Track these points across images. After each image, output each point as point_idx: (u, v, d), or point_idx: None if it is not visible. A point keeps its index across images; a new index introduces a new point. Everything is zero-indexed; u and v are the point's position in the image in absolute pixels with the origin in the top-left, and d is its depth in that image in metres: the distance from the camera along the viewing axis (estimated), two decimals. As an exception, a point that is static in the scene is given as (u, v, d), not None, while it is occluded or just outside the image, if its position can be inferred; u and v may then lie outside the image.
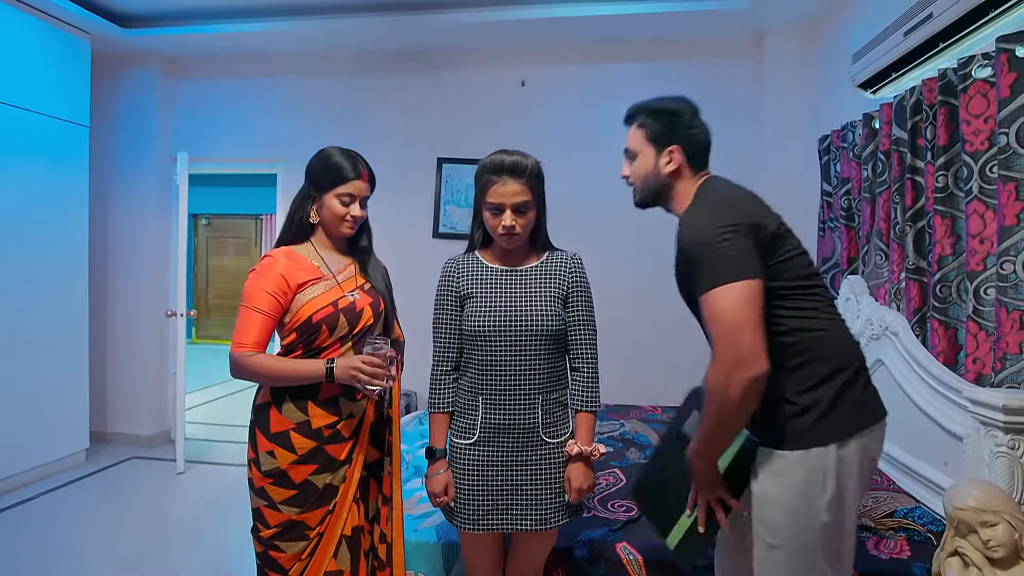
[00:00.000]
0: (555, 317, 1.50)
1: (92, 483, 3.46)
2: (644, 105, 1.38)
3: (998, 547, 1.29)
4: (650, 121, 1.36)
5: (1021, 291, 1.66)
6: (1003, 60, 1.67)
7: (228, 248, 8.97)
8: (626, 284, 3.68)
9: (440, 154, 3.88)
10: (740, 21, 3.39)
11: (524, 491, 1.51)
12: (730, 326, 1.13)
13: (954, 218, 1.98)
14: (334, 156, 1.54)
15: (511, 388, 1.48)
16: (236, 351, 1.45)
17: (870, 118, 2.48)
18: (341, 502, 1.53)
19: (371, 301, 1.58)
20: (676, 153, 1.33)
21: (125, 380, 4.11)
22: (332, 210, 1.53)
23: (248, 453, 1.53)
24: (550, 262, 1.57)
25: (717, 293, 1.15)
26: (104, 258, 4.06)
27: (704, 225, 1.21)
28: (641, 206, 1.45)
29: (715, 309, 1.15)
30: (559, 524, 1.53)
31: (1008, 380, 1.68)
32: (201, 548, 2.72)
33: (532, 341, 1.48)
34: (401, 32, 3.64)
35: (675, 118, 1.35)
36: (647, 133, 1.36)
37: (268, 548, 1.49)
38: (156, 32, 3.75)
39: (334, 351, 1.52)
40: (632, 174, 1.41)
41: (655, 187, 1.38)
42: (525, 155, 1.49)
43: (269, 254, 1.53)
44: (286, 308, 1.49)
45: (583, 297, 1.56)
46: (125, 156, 4.08)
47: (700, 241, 1.20)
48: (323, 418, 1.50)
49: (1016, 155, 1.67)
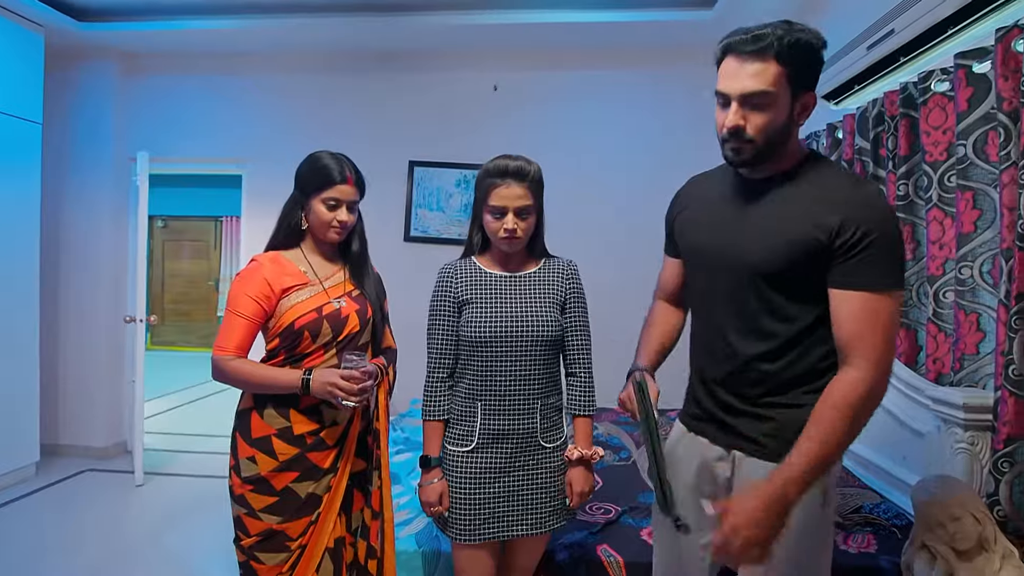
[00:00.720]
0: (555, 322, 1.51)
1: (43, 498, 3.29)
2: (785, 34, 1.05)
3: (964, 539, 1.35)
4: (793, 56, 1.06)
5: (978, 295, 1.75)
6: (961, 75, 1.76)
7: (185, 251, 8.67)
8: (598, 287, 3.71)
9: (411, 157, 3.85)
10: (705, 31, 3.46)
11: (522, 497, 1.50)
12: (893, 334, 1.07)
13: (914, 225, 2.07)
14: (322, 160, 1.52)
15: (511, 394, 1.48)
16: (217, 355, 1.45)
17: (834, 128, 2.57)
18: (325, 513, 1.50)
19: (358, 308, 1.55)
20: (812, 100, 1.11)
21: (78, 389, 3.93)
22: (318, 215, 1.51)
23: (229, 460, 1.51)
24: (547, 268, 1.57)
25: (895, 297, 1.06)
26: (56, 261, 3.88)
27: (895, 217, 1.09)
28: (746, 165, 1.15)
29: (888, 313, 1.05)
30: (556, 527, 1.54)
31: (966, 379, 1.77)
32: (163, 564, 2.61)
33: (533, 347, 1.48)
34: (372, 33, 3.60)
35: (819, 56, 1.09)
36: (788, 72, 1.06)
37: (249, 558, 1.46)
38: (114, 27, 3.60)
39: (317, 358, 1.50)
40: (759, 125, 1.08)
41: (778, 142, 1.11)
42: (529, 160, 1.49)
43: (255, 259, 1.51)
44: (270, 313, 1.47)
45: (579, 303, 1.58)
46: (80, 155, 3.91)
47: (896, 228, 1.07)
48: (305, 424, 1.48)
49: (973, 165, 1.76)
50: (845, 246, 1.05)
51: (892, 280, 1.06)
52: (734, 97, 1.09)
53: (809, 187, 1.12)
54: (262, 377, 1.45)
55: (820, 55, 1.10)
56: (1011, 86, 1.56)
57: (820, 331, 1.12)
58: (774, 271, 1.12)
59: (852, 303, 1.06)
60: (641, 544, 1.78)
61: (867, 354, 1.04)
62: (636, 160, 3.70)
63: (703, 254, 1.27)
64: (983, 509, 1.38)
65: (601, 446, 2.66)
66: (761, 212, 1.16)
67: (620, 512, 1.98)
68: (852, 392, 1.04)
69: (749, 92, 1.07)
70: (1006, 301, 1.53)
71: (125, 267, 4.01)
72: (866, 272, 1.05)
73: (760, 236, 1.14)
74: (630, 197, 3.69)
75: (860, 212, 1.05)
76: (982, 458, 1.64)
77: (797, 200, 1.12)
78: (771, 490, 1.02)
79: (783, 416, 1.16)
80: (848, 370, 1.06)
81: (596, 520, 1.93)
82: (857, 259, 1.05)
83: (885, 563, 1.68)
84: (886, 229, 1.05)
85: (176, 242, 8.66)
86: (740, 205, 1.20)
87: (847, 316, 1.07)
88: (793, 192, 1.13)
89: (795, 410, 1.13)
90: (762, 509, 1.01)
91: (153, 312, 8.28)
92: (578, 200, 3.71)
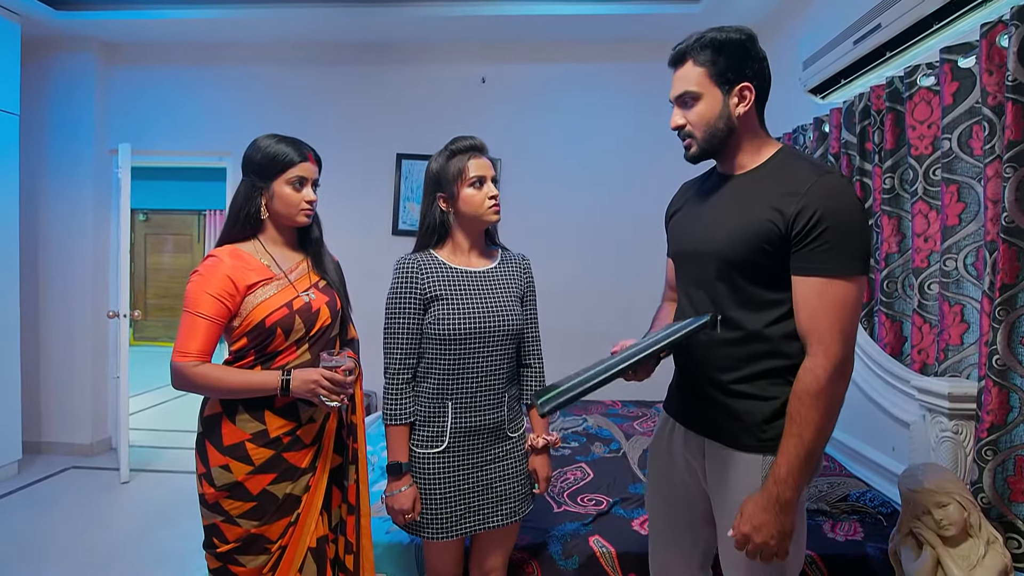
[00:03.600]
0: (518, 316, 1.53)
1: (26, 496, 3.24)
2: (700, 38, 1.17)
3: (950, 526, 1.38)
4: (713, 55, 1.16)
5: (962, 286, 1.78)
6: (946, 70, 1.79)
7: (167, 245, 8.54)
8: (582, 281, 3.74)
9: (399, 150, 3.82)
10: (693, 25, 3.44)
11: (494, 488, 1.52)
12: (853, 321, 1.08)
13: (900, 218, 2.10)
14: (274, 142, 1.43)
15: (482, 389, 1.49)
16: (179, 360, 1.33)
17: (820, 122, 2.60)
18: (306, 514, 1.44)
19: (327, 300, 1.49)
20: (749, 91, 1.17)
21: (61, 386, 3.86)
22: (285, 198, 1.43)
23: (198, 468, 1.41)
24: (506, 263, 1.59)
25: (854, 283, 1.07)
26: (36, 256, 3.80)
27: (855, 200, 1.10)
28: (698, 159, 1.25)
29: (845, 298, 1.06)
30: (524, 514, 1.58)
31: (951, 369, 1.80)
32: (149, 562, 2.58)
33: (501, 341, 1.49)
34: (358, 24, 3.56)
35: (743, 49, 1.16)
36: (710, 70, 1.17)
37: (227, 563, 1.39)
38: (92, 16, 3.51)
39: (289, 355, 1.42)
40: (693, 121, 1.20)
41: (722, 134, 1.19)
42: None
43: (213, 254, 1.40)
44: (234, 312, 1.38)
45: (534, 296, 1.62)
46: (59, 147, 3.82)
47: (855, 215, 1.08)
48: (281, 425, 1.41)
49: (958, 159, 1.78)
50: (802, 233, 1.08)
51: (850, 266, 1.07)
52: (672, 102, 1.24)
53: (776, 178, 1.16)
54: (236, 383, 1.35)
55: (744, 48, 1.17)
56: (995, 80, 1.58)
57: (791, 323, 1.13)
58: (737, 258, 1.15)
59: (809, 288, 1.09)
60: (633, 535, 1.80)
61: (823, 338, 1.07)
62: (624, 152, 3.71)
63: (681, 245, 1.33)
64: (968, 496, 1.41)
65: (591, 438, 2.71)
66: (728, 203, 1.21)
67: (612, 503, 1.99)
68: (813, 380, 1.07)
69: (679, 94, 1.21)
70: (990, 292, 1.56)
71: (107, 262, 3.94)
72: (822, 258, 1.07)
73: (725, 225, 1.18)
74: (618, 189, 3.70)
75: (818, 200, 1.07)
76: (966, 446, 1.67)
77: (762, 190, 1.16)
78: (766, 494, 1.08)
79: (750, 407, 1.17)
80: (808, 358, 1.09)
81: (588, 512, 1.94)
82: (813, 246, 1.07)
83: (872, 550, 1.71)
84: (844, 216, 1.07)
85: (158, 236, 8.52)
86: (713, 199, 1.26)
87: (804, 301, 1.09)
88: (760, 183, 1.18)
89: (762, 402, 1.16)
90: (762, 513, 1.07)
91: (136, 307, 8.18)
92: (565, 192, 3.72)
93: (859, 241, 1.08)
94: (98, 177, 3.88)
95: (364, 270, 3.97)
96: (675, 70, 1.22)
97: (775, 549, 1.08)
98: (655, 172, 3.44)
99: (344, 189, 3.87)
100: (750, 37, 1.18)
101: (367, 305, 3.21)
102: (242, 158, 1.46)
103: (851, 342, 1.09)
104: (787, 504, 1.07)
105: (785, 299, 1.13)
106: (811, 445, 1.07)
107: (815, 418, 1.06)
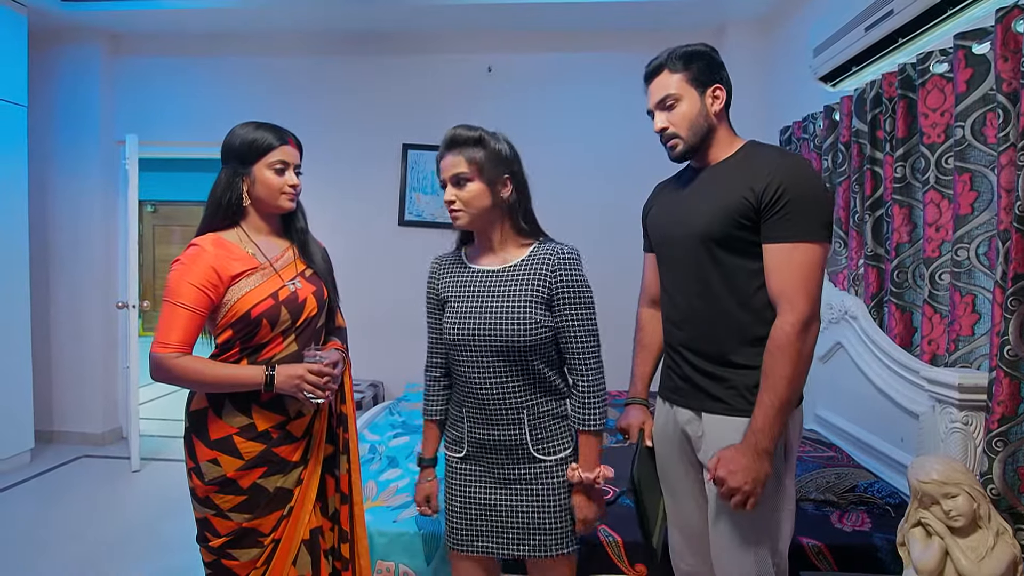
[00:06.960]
0: (530, 325, 1.31)
1: (38, 485, 3.29)
2: (672, 52, 1.34)
3: (959, 517, 1.37)
4: (686, 64, 1.32)
5: (974, 276, 1.76)
6: (960, 56, 1.75)
7: (176, 236, 8.60)
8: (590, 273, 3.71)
9: (405, 140, 3.81)
10: (701, 12, 3.44)
11: (520, 513, 1.37)
12: (816, 281, 1.21)
13: (911, 207, 2.07)
14: (253, 128, 1.41)
15: (491, 403, 1.36)
16: (159, 352, 1.29)
17: (831, 110, 2.56)
18: (299, 506, 1.42)
19: (314, 289, 1.45)
20: (720, 91, 1.33)
21: (72, 376, 3.90)
22: (267, 183, 1.39)
23: (187, 463, 1.40)
24: (535, 259, 1.36)
25: (817, 248, 1.20)
26: (45, 247, 3.83)
27: (815, 176, 1.26)
28: (684, 157, 1.38)
29: (808, 262, 1.20)
30: (568, 551, 1.37)
31: (961, 360, 1.78)
32: (160, 550, 2.61)
33: (505, 353, 1.32)
34: (364, 14, 3.54)
35: (710, 58, 1.33)
36: (687, 75, 1.32)
37: (220, 556, 1.38)
38: (98, 6, 3.52)
39: (276, 347, 1.39)
40: (676, 122, 1.33)
41: (704, 131, 1.33)
42: (472, 128, 1.36)
43: (195, 243, 1.37)
44: (217, 303, 1.34)
45: (572, 299, 1.34)
46: (66, 139, 3.85)
47: (815, 188, 1.23)
48: (268, 420, 1.38)
49: (971, 147, 1.76)
50: (768, 203, 1.22)
51: (812, 232, 1.20)
52: (653, 108, 1.36)
53: (746, 164, 1.30)
54: (218, 377, 1.33)
55: (711, 57, 1.34)
56: (1011, 67, 1.55)
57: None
58: (718, 233, 1.27)
59: (777, 254, 1.22)
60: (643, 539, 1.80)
61: (791, 298, 1.20)
62: (632, 143, 3.67)
63: (663, 232, 1.44)
64: (978, 487, 1.40)
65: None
66: (707, 187, 1.34)
67: (619, 493, 1.99)
68: (782, 336, 1.19)
69: (660, 99, 1.34)
70: (1002, 282, 1.54)
71: (116, 252, 3.97)
72: (786, 226, 1.21)
73: (704, 207, 1.31)
74: (626, 180, 3.66)
75: (781, 175, 1.21)
76: (976, 438, 1.65)
77: (735, 174, 1.29)
78: (744, 443, 1.21)
79: (742, 376, 1.28)
80: (778, 316, 1.22)
81: (595, 501, 1.94)
82: (779, 215, 1.21)
83: (879, 541, 1.71)
84: (805, 188, 1.21)
85: (166, 227, 8.59)
86: (690, 188, 1.39)
87: (773, 267, 1.23)
88: (733, 169, 1.31)
89: (751, 370, 1.26)
90: (740, 458, 1.19)
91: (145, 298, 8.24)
92: (573, 182, 3.70)
93: (821, 209, 1.23)
94: (105, 168, 3.90)
95: (370, 261, 3.98)
96: (650, 82, 1.37)
97: (749, 492, 1.18)
98: (663, 163, 3.39)
99: (350, 180, 3.88)
100: (713, 49, 1.36)
101: (372, 295, 3.26)
102: (221, 147, 1.43)
103: (816, 301, 1.21)
104: (763, 452, 1.19)
105: (761, 273, 1.26)
106: (784, 396, 1.19)
107: (787, 371, 1.18)
